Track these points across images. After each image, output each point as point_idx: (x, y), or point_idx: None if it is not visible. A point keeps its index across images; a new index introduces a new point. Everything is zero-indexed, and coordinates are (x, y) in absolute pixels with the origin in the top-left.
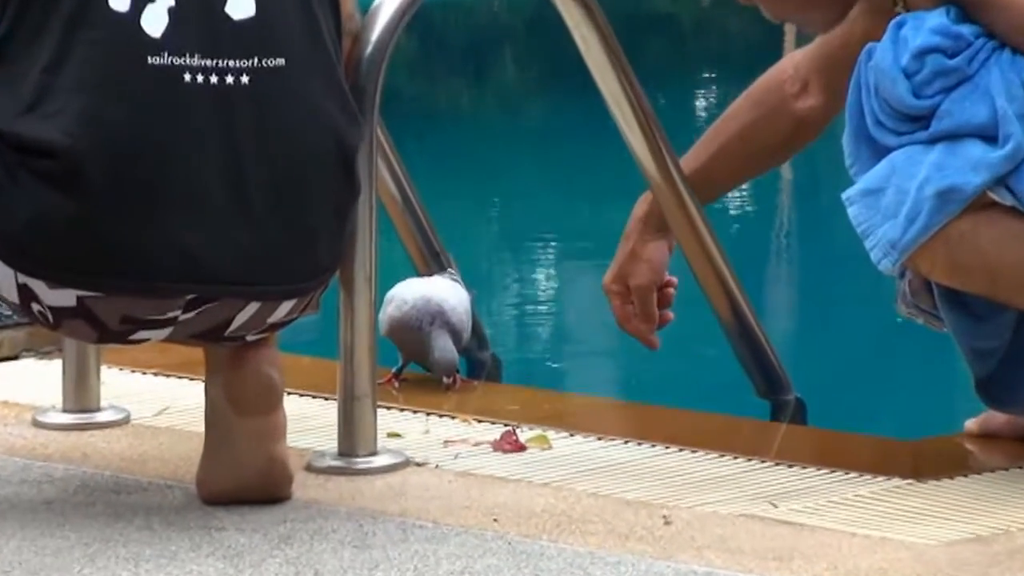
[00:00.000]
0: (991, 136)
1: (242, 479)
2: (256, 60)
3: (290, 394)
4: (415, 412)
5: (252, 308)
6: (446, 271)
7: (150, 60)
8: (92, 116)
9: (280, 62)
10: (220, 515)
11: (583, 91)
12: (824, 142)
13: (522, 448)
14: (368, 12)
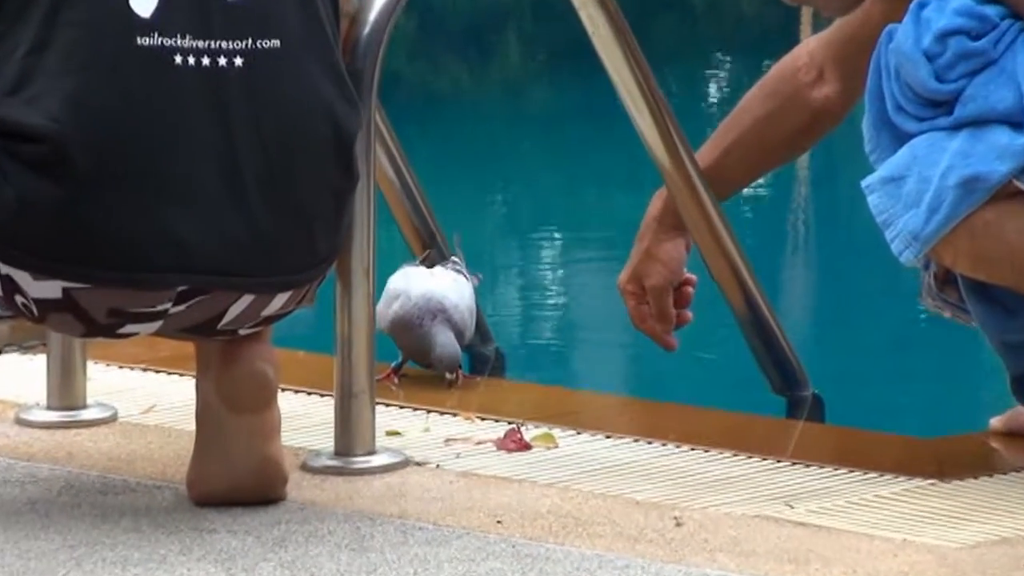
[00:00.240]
0: (1017, 122)
1: (234, 479)
2: (250, 41)
3: (284, 390)
4: (415, 409)
5: (246, 301)
6: (449, 261)
7: (139, 41)
8: (78, 100)
9: (275, 44)
10: (211, 517)
11: (590, 74)
12: (842, 128)
13: (527, 447)
14: None
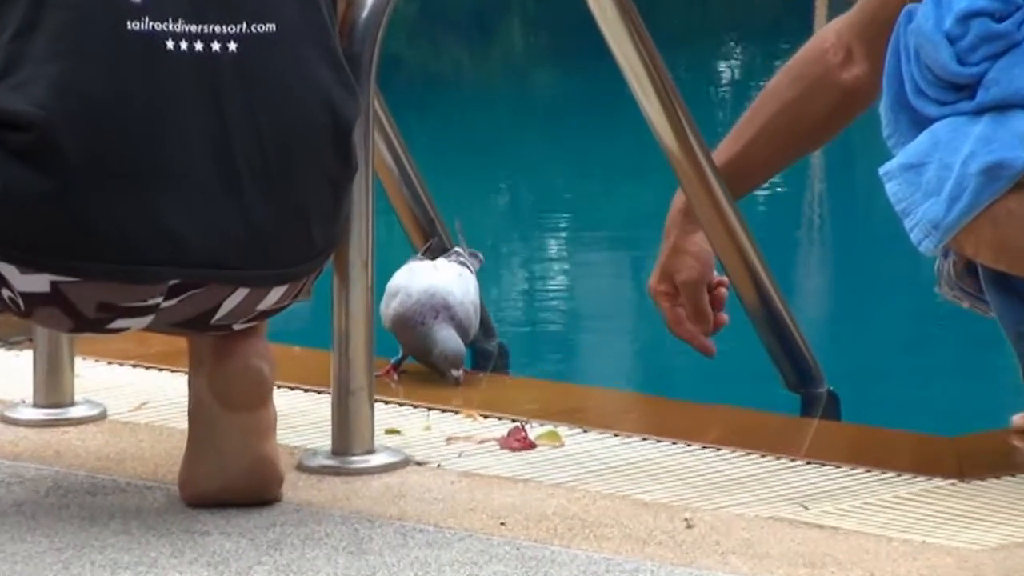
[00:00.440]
0: None
1: (228, 479)
2: (244, 26)
3: (280, 387)
4: (415, 407)
5: (240, 294)
6: (452, 252)
7: (129, 26)
8: (66, 86)
9: (270, 27)
10: (204, 518)
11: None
12: None
13: (531, 446)
14: None
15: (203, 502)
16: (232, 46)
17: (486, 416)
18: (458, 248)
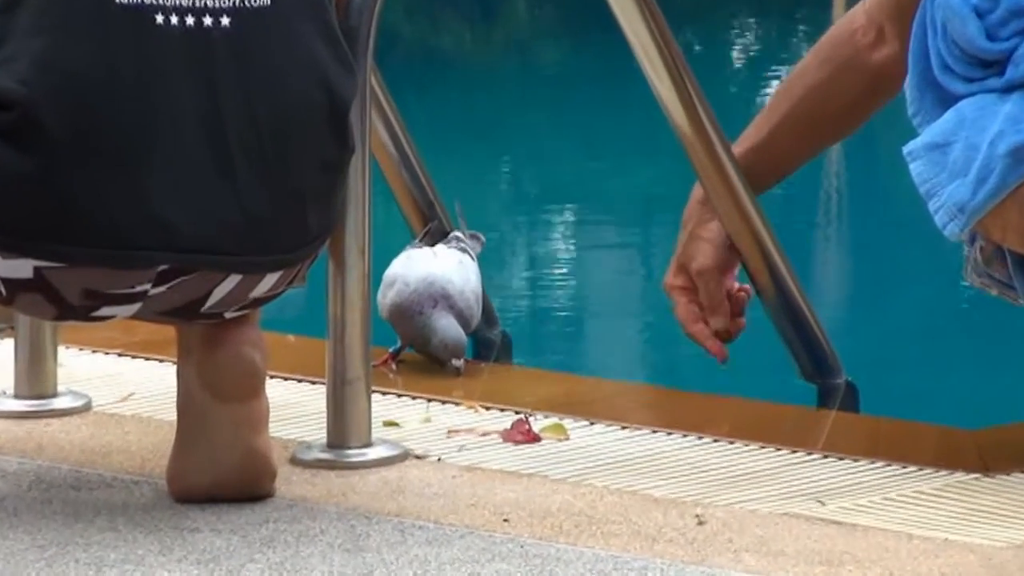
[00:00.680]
0: None
1: (219, 474)
2: None
3: (273, 378)
4: (415, 398)
5: (232, 281)
6: (452, 238)
7: None
8: (50, 62)
9: (264, 2)
10: (193, 514)
11: (604, 32)
12: None
13: (535, 439)
14: None
15: (193, 497)
16: (225, 20)
17: (488, 408)
18: (458, 232)
